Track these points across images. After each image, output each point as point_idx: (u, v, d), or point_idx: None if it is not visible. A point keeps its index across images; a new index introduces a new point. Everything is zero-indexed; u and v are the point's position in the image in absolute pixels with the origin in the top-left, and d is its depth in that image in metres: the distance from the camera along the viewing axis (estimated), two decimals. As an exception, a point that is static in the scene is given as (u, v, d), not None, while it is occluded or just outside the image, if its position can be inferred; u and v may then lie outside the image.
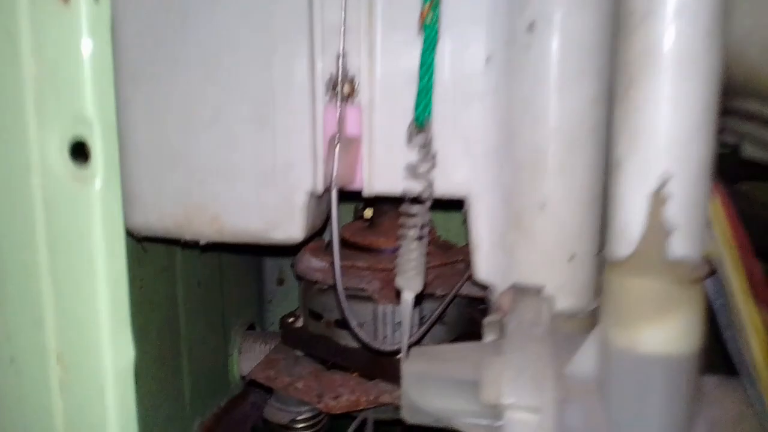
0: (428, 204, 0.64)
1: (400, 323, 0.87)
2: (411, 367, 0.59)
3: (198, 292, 1.12)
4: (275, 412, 0.89)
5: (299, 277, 0.98)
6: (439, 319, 0.87)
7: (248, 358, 1.29)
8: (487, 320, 0.60)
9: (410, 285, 0.63)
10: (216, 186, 0.72)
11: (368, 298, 0.88)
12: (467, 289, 0.85)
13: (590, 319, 0.64)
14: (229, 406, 1.26)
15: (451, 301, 0.83)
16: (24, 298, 0.47)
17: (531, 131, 0.62)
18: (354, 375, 0.92)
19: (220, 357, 1.21)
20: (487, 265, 0.68)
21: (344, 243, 0.95)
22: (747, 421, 0.55)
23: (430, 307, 0.88)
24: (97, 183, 0.53)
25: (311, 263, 0.95)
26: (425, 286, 0.64)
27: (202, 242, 0.75)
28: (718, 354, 0.56)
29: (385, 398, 0.88)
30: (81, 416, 0.48)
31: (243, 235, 0.74)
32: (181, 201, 0.73)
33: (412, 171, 0.64)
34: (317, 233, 0.87)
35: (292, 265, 1.00)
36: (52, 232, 0.48)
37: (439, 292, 0.87)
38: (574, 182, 0.63)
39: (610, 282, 0.52)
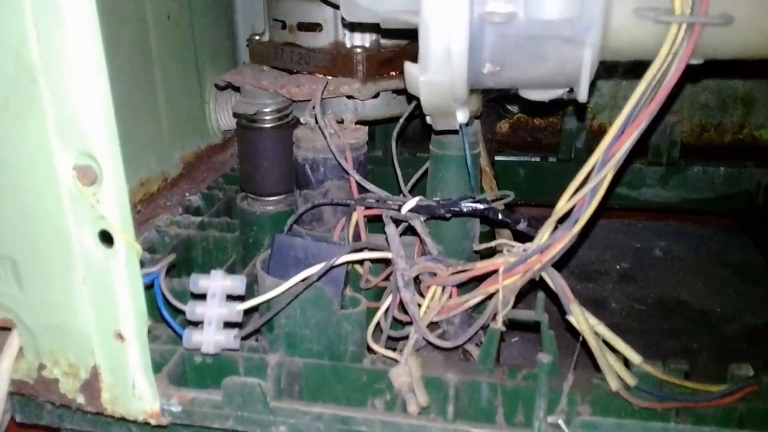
0: None
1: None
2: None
3: (168, 25, 1.15)
4: (242, 106, 0.94)
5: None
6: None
7: (224, 115, 1.35)
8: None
9: None
10: None
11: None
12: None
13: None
14: (210, 151, 1.33)
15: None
16: None
17: None
18: (317, 76, 0.97)
19: (195, 98, 1.26)
20: None
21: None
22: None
23: None
24: None
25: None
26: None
27: None
28: None
29: (345, 89, 0.93)
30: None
31: None
32: None
33: None
34: None
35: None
36: None
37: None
38: None
39: None
